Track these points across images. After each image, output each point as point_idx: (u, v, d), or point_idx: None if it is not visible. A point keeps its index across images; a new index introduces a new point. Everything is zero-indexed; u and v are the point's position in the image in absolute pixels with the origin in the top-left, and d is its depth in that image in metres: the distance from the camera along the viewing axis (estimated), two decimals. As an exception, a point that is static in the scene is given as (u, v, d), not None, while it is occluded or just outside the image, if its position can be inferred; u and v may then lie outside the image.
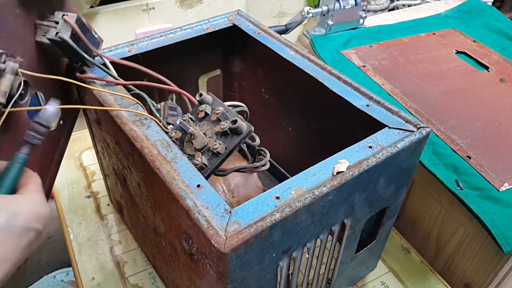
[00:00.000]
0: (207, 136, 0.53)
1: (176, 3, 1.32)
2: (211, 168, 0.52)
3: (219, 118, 0.53)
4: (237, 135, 0.51)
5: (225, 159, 0.52)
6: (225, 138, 0.52)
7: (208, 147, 0.52)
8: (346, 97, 0.58)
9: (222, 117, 0.53)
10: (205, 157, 0.52)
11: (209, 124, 0.54)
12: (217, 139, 0.52)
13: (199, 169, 0.50)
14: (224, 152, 0.51)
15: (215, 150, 0.51)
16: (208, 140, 0.53)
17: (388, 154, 0.49)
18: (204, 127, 0.54)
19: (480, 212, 0.64)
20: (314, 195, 0.44)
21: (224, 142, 0.52)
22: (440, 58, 0.96)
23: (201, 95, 0.55)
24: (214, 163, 0.52)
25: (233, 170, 0.57)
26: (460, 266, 0.73)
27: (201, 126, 0.54)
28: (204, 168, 0.52)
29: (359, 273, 0.70)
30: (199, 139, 0.52)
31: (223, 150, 0.51)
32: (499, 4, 1.38)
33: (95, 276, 0.71)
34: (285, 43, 0.68)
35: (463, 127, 0.77)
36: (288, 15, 1.77)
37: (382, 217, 0.60)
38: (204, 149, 0.52)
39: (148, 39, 0.67)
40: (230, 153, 0.52)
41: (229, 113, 0.53)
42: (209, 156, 0.52)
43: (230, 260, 0.40)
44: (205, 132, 0.53)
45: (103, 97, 0.55)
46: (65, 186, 0.87)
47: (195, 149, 0.53)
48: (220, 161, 0.52)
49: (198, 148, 0.52)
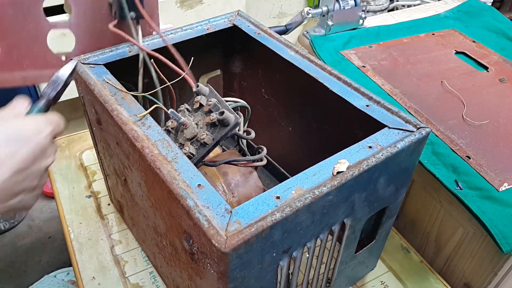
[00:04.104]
0: (199, 127, 0.54)
1: (176, 3, 1.32)
2: (197, 157, 0.54)
3: (210, 109, 0.54)
4: (224, 127, 0.52)
5: (212, 149, 0.54)
6: (214, 129, 0.54)
7: (197, 137, 0.53)
8: (346, 97, 0.58)
9: (214, 108, 0.54)
10: (193, 147, 0.54)
11: (202, 115, 0.55)
12: (206, 130, 0.53)
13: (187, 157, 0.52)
14: (211, 142, 0.53)
15: (202, 140, 0.53)
16: (198, 131, 0.54)
17: (388, 154, 0.49)
18: (198, 118, 0.55)
19: (480, 212, 0.64)
20: (314, 195, 0.44)
21: (213, 133, 0.53)
22: (440, 59, 0.96)
23: (198, 86, 0.56)
24: (201, 153, 0.54)
25: (224, 162, 0.58)
26: (459, 266, 0.73)
27: (195, 116, 0.55)
28: (191, 157, 0.54)
29: (358, 273, 0.70)
30: (190, 129, 0.54)
31: (210, 140, 0.53)
32: (498, 4, 1.38)
33: (96, 276, 0.71)
34: (285, 44, 0.68)
35: (462, 127, 0.77)
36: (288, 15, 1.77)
37: (382, 217, 0.61)
38: (194, 139, 0.54)
39: (148, 39, 0.68)
40: (217, 144, 0.54)
41: (221, 105, 0.54)
42: (197, 146, 0.54)
43: (231, 259, 0.40)
44: (197, 123, 0.54)
45: (103, 97, 0.55)
46: (65, 186, 0.88)
47: (186, 138, 0.54)
48: (207, 151, 0.53)
49: (188, 138, 0.54)
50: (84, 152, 0.96)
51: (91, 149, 0.96)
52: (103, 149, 0.68)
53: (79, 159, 0.94)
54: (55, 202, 0.85)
